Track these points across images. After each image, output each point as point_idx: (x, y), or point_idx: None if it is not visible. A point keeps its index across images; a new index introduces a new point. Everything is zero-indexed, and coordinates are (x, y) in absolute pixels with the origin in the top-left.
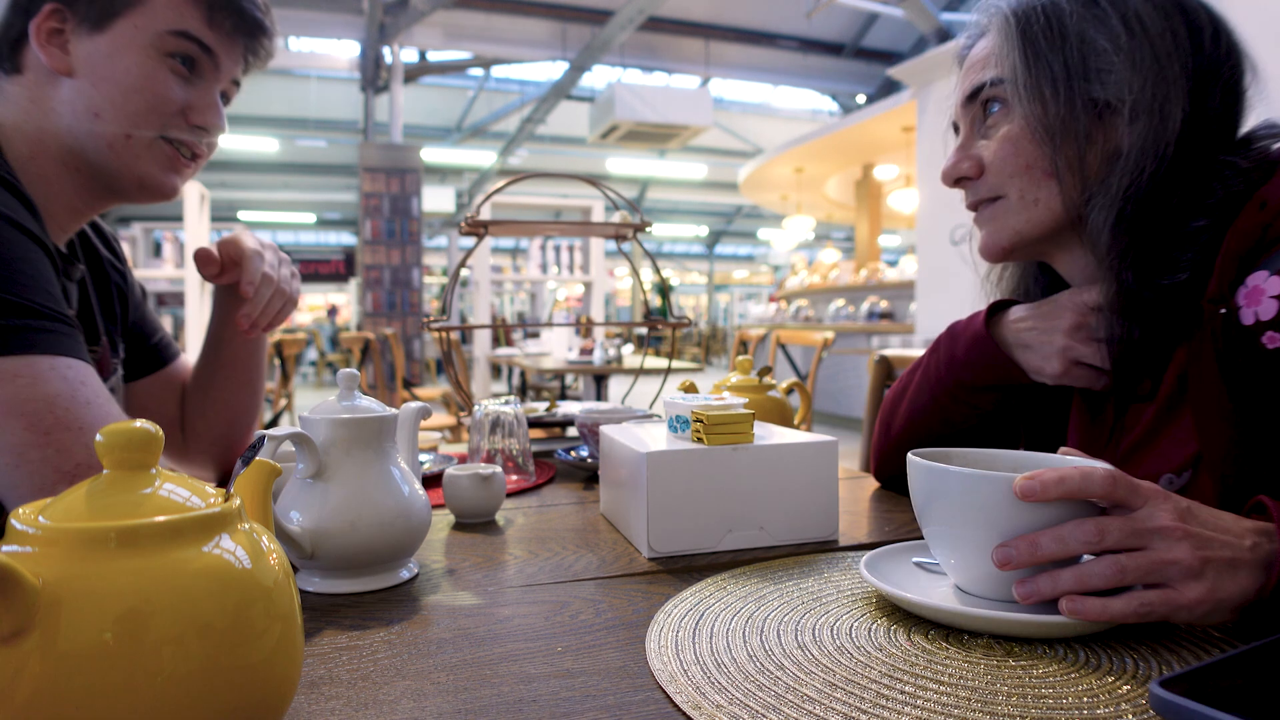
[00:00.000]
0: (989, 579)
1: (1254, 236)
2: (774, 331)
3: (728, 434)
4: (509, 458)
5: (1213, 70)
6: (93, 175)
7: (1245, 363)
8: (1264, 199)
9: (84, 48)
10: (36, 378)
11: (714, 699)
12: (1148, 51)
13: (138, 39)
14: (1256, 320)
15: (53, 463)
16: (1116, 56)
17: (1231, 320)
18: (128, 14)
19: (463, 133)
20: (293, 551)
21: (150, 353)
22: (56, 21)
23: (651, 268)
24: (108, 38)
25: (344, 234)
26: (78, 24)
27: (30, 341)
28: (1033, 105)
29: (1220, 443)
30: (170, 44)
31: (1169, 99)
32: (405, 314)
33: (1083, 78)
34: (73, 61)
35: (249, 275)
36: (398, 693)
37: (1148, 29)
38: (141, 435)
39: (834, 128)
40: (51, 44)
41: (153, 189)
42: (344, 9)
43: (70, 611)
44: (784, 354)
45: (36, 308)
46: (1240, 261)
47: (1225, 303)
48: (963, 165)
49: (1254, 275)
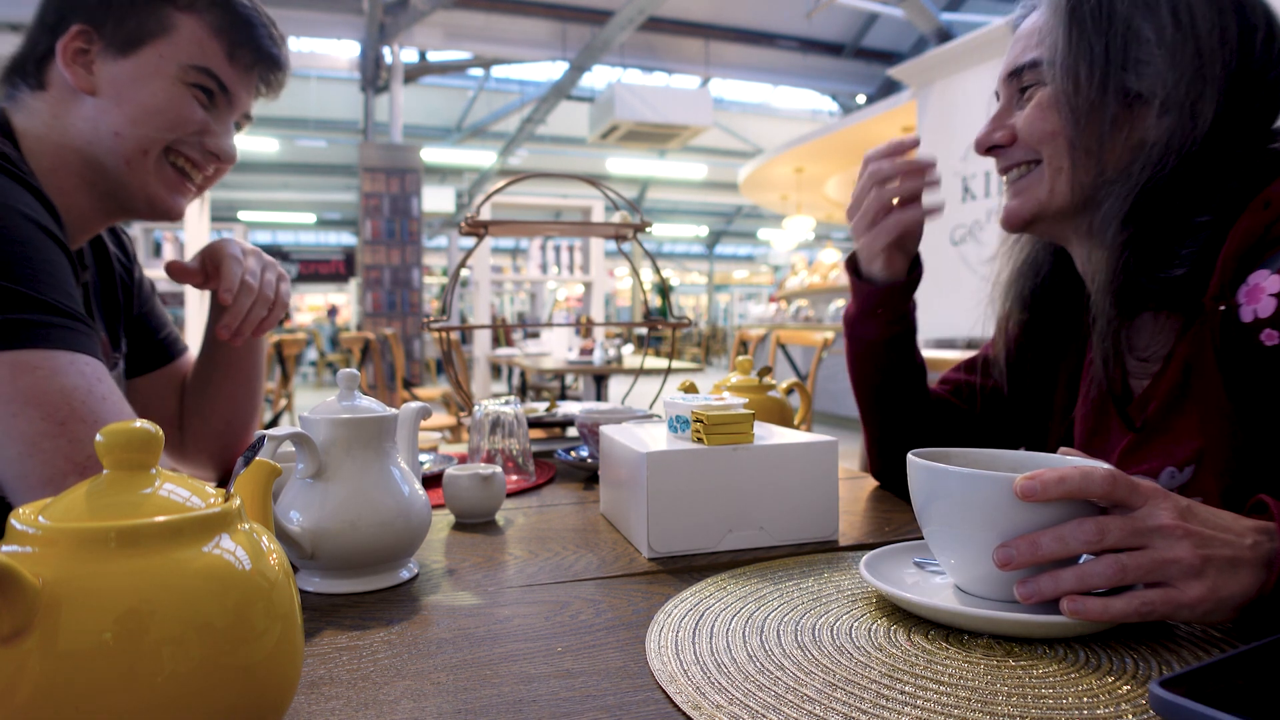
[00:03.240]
0: (989, 579)
1: (1256, 235)
2: (774, 331)
3: (728, 434)
4: (509, 458)
5: (1259, 72)
6: (107, 190)
7: (1244, 360)
8: (1268, 198)
9: (109, 70)
10: (55, 370)
11: (714, 699)
12: (1190, 48)
13: (162, 67)
14: (1255, 318)
15: (64, 453)
16: (1159, 49)
17: (1231, 317)
18: (153, 43)
19: (463, 133)
20: (293, 551)
21: (156, 348)
22: (83, 42)
23: (651, 268)
24: (132, 63)
25: (344, 234)
26: (104, 47)
27: (52, 337)
28: (1066, 82)
29: (1221, 439)
30: (191, 76)
31: (1202, 98)
32: (405, 314)
33: (1120, 65)
34: (96, 81)
35: (226, 282)
36: (398, 693)
37: (1196, 24)
38: (141, 435)
39: (834, 128)
40: (77, 63)
41: (160, 208)
42: (344, 9)
43: (70, 611)
44: (784, 354)
45: (59, 306)
46: (1242, 260)
47: (1225, 300)
48: (995, 134)
49: (1255, 274)
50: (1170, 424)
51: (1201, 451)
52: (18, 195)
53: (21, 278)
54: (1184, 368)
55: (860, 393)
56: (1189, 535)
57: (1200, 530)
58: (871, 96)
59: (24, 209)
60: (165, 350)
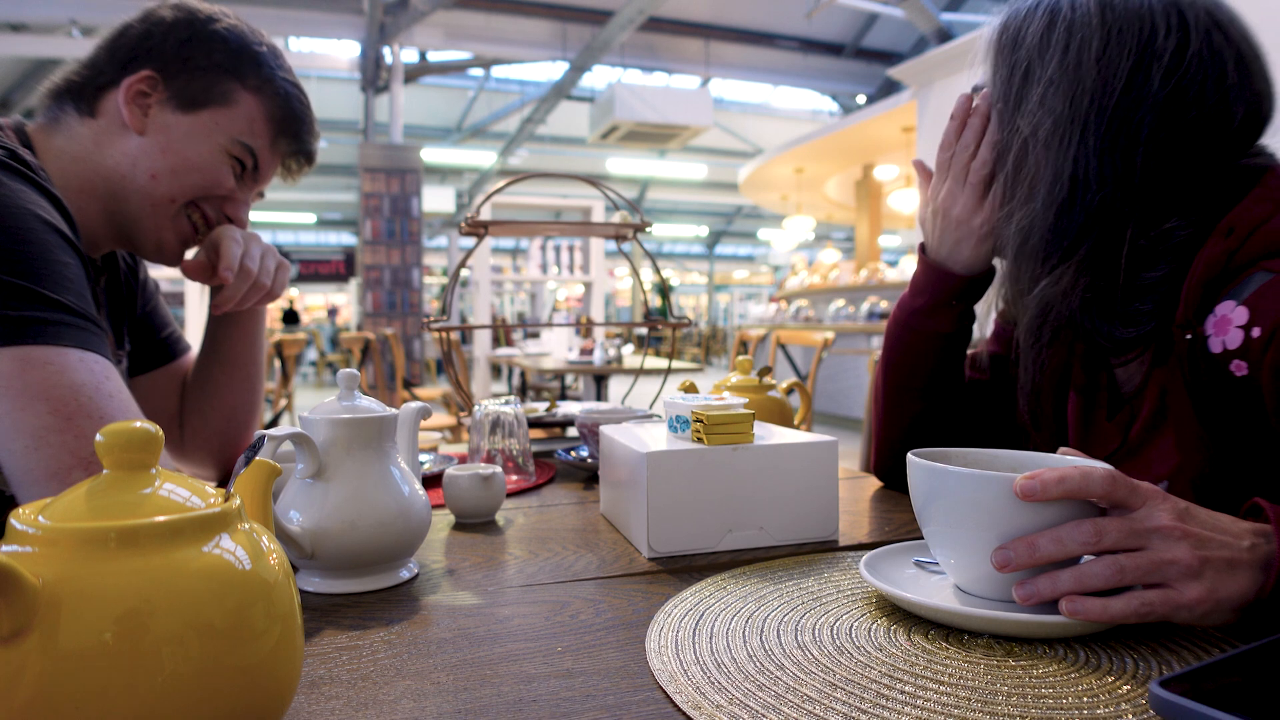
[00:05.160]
0: (989, 579)
1: (1220, 264)
2: (774, 332)
3: (728, 434)
4: (509, 458)
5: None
6: (122, 224)
7: (1215, 389)
8: (1231, 225)
9: (164, 119)
10: (65, 367)
11: (714, 699)
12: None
13: (214, 134)
14: (1224, 349)
15: (70, 448)
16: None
17: (1199, 347)
18: (213, 109)
19: (463, 133)
20: (293, 551)
21: (159, 346)
22: (148, 86)
23: (651, 268)
24: (189, 120)
25: (344, 234)
26: (167, 97)
27: (63, 334)
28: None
29: (1194, 461)
30: (236, 149)
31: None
32: (405, 314)
33: (1016, 105)
34: (149, 125)
35: (225, 261)
36: (398, 693)
37: (1082, 57)
38: (141, 435)
39: (834, 128)
40: (136, 103)
41: (166, 254)
42: (344, 9)
43: (70, 611)
44: (784, 354)
45: (71, 306)
46: (1206, 288)
47: (1192, 329)
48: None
49: (1222, 304)
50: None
51: (1178, 469)
52: (36, 200)
53: (35, 276)
54: (1160, 393)
55: (898, 387)
56: (1187, 537)
57: (1199, 532)
58: (871, 96)
59: (41, 213)
60: (167, 349)
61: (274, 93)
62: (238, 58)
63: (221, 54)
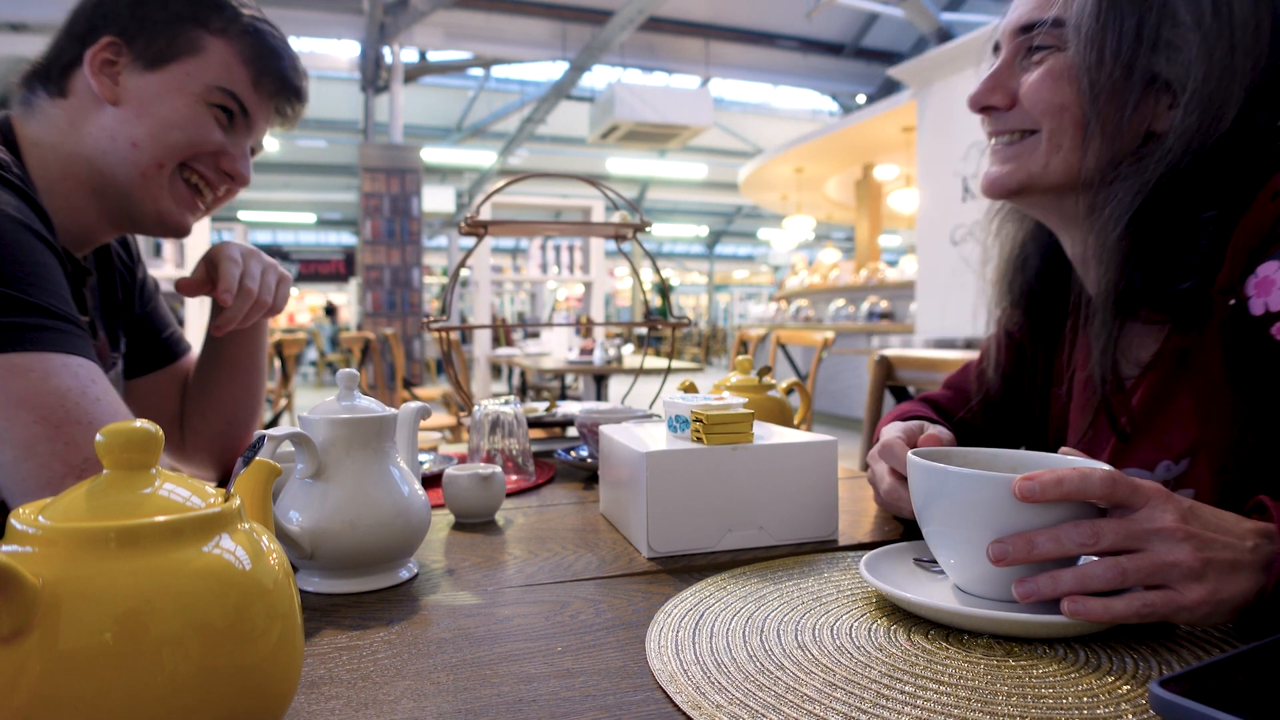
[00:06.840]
0: (989, 579)
1: (1265, 227)
2: (774, 331)
3: (727, 434)
4: (509, 458)
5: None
6: (116, 202)
7: (1252, 354)
8: (1276, 189)
9: (134, 82)
10: (49, 373)
11: (714, 699)
12: (1225, 40)
13: (188, 85)
14: (1266, 311)
15: (61, 456)
16: (1193, 35)
17: (1241, 311)
18: (182, 61)
19: (463, 133)
20: (293, 551)
21: (159, 347)
22: (111, 54)
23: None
24: (159, 78)
25: (344, 234)
26: (132, 60)
27: (43, 339)
28: (1089, 54)
29: (1221, 433)
30: (215, 97)
31: (1229, 99)
32: (405, 314)
33: (1151, 46)
34: (120, 92)
35: (224, 283)
36: (398, 693)
37: (1234, 14)
38: (141, 435)
39: (834, 128)
40: (103, 73)
41: (169, 224)
42: (344, 9)
43: (70, 611)
44: (784, 354)
45: (50, 308)
46: (1251, 253)
47: (1235, 294)
48: (994, 96)
49: (1264, 265)
50: (1162, 414)
51: (1198, 443)
52: (5, 199)
53: (10, 280)
54: (1175, 359)
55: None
56: (1190, 538)
57: (1201, 533)
58: (871, 96)
59: (12, 212)
60: (168, 350)
61: (242, 31)
62: (197, 4)
63: (179, 3)
